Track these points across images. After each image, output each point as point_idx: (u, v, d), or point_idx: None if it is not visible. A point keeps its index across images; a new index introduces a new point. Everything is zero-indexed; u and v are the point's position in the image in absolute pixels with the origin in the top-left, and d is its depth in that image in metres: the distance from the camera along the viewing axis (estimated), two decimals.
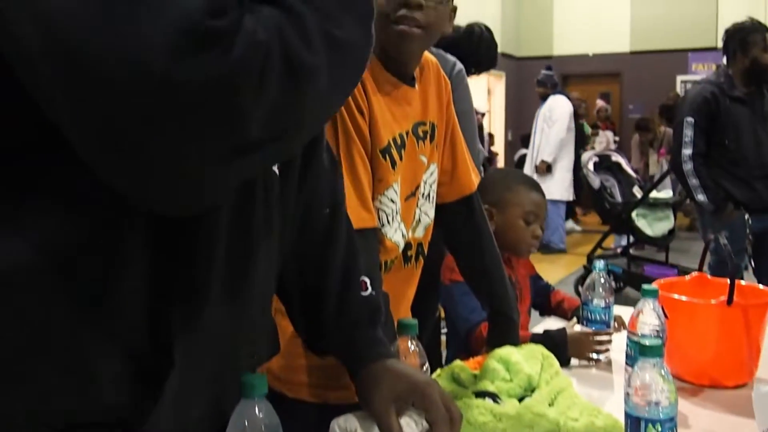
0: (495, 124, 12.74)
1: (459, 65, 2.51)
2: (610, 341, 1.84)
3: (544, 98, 8.09)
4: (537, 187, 2.15)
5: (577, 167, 7.60)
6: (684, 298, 1.65)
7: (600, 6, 12.93)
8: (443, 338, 2.97)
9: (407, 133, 1.51)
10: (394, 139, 1.47)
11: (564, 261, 7.78)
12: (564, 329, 1.89)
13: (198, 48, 0.57)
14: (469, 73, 2.83)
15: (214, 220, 0.79)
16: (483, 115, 8.83)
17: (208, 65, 0.58)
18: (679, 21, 12.23)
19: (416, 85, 1.55)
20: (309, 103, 0.68)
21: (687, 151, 3.81)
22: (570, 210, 10.14)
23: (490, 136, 10.81)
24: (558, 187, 7.92)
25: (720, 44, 4.04)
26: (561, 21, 13.42)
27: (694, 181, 3.82)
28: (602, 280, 1.88)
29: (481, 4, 11.84)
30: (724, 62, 3.97)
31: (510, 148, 12.43)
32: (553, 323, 2.11)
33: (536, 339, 1.78)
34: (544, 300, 2.29)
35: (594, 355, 1.83)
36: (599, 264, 1.92)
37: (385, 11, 1.37)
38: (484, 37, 2.87)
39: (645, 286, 1.49)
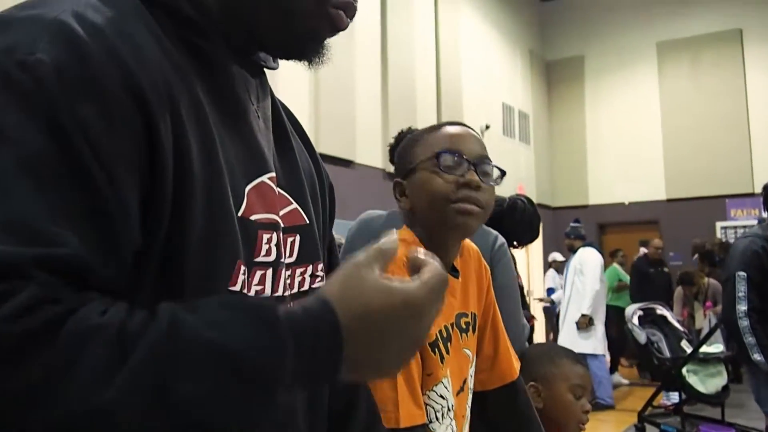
0: (533, 276, 12.64)
1: (501, 239, 2.47)
2: None
3: (572, 250, 8.04)
4: (579, 360, 2.08)
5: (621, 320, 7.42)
6: None
7: (633, 154, 13.09)
8: None
9: (452, 326, 1.47)
10: (441, 332, 1.43)
11: (613, 418, 7.46)
12: None
13: None
14: (512, 246, 2.81)
15: None
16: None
17: None
18: (713, 167, 12.29)
19: (458, 276, 1.53)
20: None
21: (742, 307, 3.68)
22: (614, 363, 9.88)
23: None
24: (596, 342, 7.72)
25: (757, 189, 4.00)
26: (595, 170, 13.58)
27: (750, 339, 3.67)
28: None
29: (515, 156, 12.07)
30: (765, 215, 3.91)
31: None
32: None
33: None
34: None
35: None
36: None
37: (445, 193, 1.38)
38: (527, 211, 2.86)
39: None
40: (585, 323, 7.66)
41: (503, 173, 1.46)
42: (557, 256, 10.82)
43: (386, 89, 8.57)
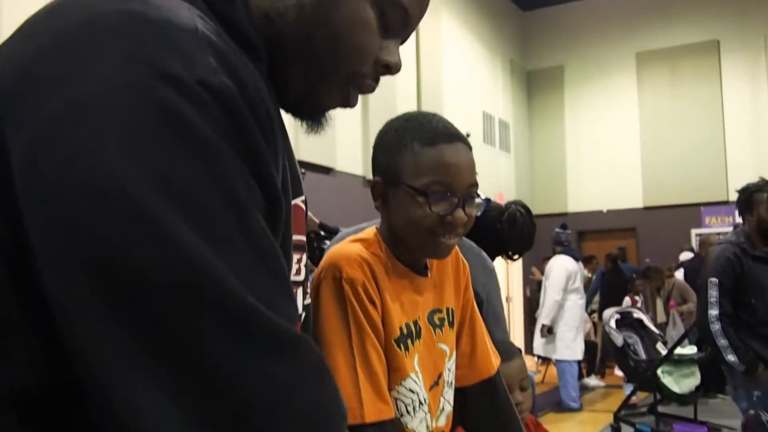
0: (512, 284, 12.79)
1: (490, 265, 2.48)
2: None
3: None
4: (507, 357, 2.03)
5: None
6: None
7: (611, 163, 13.27)
8: None
9: (416, 323, 1.48)
10: (405, 328, 1.45)
11: (589, 418, 7.60)
12: None
13: None
14: (511, 259, 2.80)
15: None
16: None
17: None
18: (689, 176, 12.49)
19: (428, 274, 1.52)
20: None
21: (714, 312, 3.82)
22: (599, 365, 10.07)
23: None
24: (561, 347, 8.01)
25: (731, 198, 4.12)
26: (574, 178, 13.74)
27: (722, 342, 3.79)
28: None
29: (495, 165, 12.20)
30: (739, 220, 4.05)
31: (528, 303, 12.40)
32: None
33: None
34: None
35: None
36: None
37: (427, 226, 1.37)
38: (526, 223, 2.81)
39: None
40: (544, 332, 7.97)
41: (488, 201, 1.45)
42: None
43: (366, 97, 8.61)
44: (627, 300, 9.56)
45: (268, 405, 0.61)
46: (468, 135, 1.50)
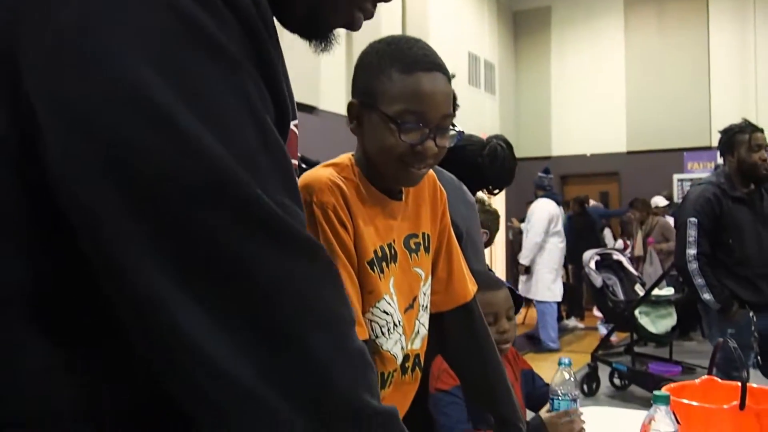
0: None
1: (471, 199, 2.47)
2: (582, 421, 1.84)
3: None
4: (492, 286, 2.09)
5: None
6: (696, 403, 1.63)
7: (596, 108, 13.23)
8: None
9: (391, 246, 1.49)
10: (379, 250, 1.46)
11: (557, 359, 7.71)
12: (539, 416, 1.87)
13: None
14: (492, 193, 2.80)
15: None
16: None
17: None
18: (674, 121, 12.49)
19: (403, 198, 1.53)
20: None
21: (691, 251, 3.85)
22: (578, 308, 10.21)
23: None
24: (541, 288, 8.16)
25: (714, 143, 4.13)
26: (558, 121, 13.71)
27: (699, 281, 3.84)
28: (567, 376, 1.89)
29: (479, 108, 12.13)
30: (720, 162, 4.06)
31: (510, 247, 12.48)
32: None
33: None
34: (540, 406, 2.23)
35: None
36: (565, 360, 1.94)
37: (398, 154, 1.37)
38: (507, 158, 2.78)
39: (656, 393, 1.48)
40: (522, 271, 8.14)
41: (461, 133, 1.44)
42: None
43: (351, 35, 8.52)
44: (619, 242, 9.71)
45: (288, 303, 0.64)
46: (453, 76, 1.48)
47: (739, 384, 1.56)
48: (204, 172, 0.60)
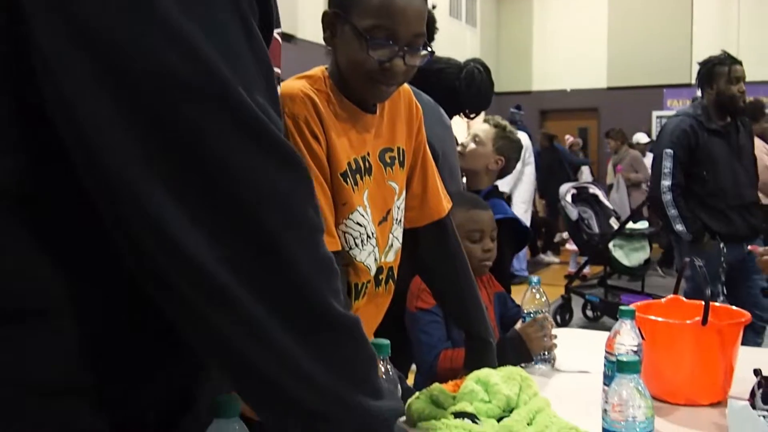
0: None
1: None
2: (552, 325, 1.94)
3: None
4: (479, 205, 2.16)
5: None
6: (660, 319, 1.67)
7: (577, 43, 13.14)
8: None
9: (365, 158, 1.50)
10: (353, 163, 1.47)
11: (544, 290, 7.82)
12: (514, 329, 1.94)
13: None
14: (469, 117, 2.79)
15: None
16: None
17: None
18: (654, 58, 12.45)
19: (377, 112, 1.53)
20: None
21: (666, 182, 3.87)
22: (550, 242, 10.28)
23: None
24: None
25: (694, 81, 4.12)
26: (539, 57, 13.62)
27: (672, 212, 3.87)
28: (537, 294, 2.00)
29: (459, 41, 12.00)
30: (699, 95, 4.06)
31: None
32: None
33: (498, 348, 1.76)
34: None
35: (545, 354, 1.91)
36: (534, 279, 2.06)
37: (366, 69, 1.37)
38: (483, 81, 2.77)
39: (622, 308, 1.50)
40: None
41: (432, 53, 1.42)
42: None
43: None
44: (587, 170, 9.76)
45: (267, 206, 0.67)
46: (434, 7, 1.47)
47: (703, 302, 1.60)
48: (201, 75, 0.63)
